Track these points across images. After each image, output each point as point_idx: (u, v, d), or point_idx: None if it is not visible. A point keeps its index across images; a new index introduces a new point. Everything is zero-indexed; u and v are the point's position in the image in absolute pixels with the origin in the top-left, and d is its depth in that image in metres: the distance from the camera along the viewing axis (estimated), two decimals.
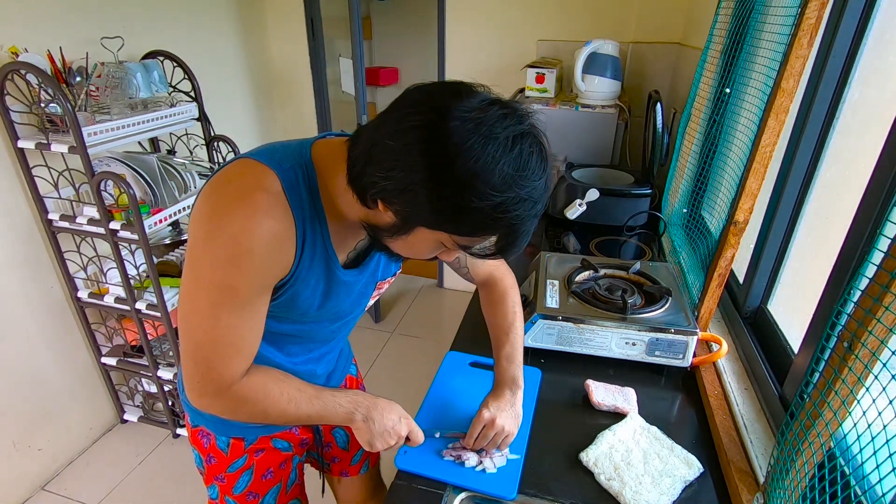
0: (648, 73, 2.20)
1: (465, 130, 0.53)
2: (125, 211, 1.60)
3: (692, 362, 1.02)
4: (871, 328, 0.51)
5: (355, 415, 0.78)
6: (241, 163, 0.64)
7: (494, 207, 0.54)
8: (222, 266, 0.61)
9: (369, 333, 2.68)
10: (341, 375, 1.02)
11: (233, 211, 0.60)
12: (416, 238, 0.62)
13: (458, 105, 0.54)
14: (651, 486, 0.78)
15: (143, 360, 1.85)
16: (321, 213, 0.67)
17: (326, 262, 0.71)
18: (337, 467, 1.10)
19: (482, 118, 0.54)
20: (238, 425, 0.88)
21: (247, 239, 0.60)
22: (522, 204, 0.56)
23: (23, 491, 1.78)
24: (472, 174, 0.53)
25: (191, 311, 0.65)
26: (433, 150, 0.53)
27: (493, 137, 0.53)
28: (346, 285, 0.76)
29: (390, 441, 0.80)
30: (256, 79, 2.66)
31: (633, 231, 1.69)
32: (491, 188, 0.53)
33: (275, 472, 0.95)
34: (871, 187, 0.69)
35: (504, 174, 0.53)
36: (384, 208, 0.60)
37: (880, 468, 0.47)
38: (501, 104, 0.56)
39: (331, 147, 0.68)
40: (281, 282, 0.67)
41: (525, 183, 0.55)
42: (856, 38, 0.84)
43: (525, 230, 0.60)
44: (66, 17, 1.68)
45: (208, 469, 0.93)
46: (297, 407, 0.73)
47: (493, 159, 0.53)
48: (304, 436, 0.98)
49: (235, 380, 0.68)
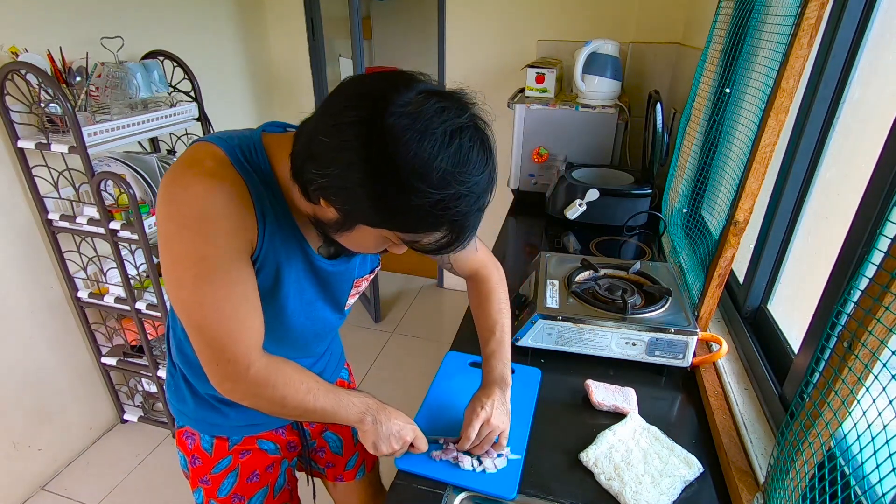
0: (648, 73, 2.20)
1: (401, 127, 0.51)
2: (125, 211, 1.60)
3: (692, 362, 1.02)
4: (871, 328, 0.51)
5: (366, 416, 0.77)
6: (190, 147, 0.65)
7: (434, 205, 0.53)
8: (188, 235, 0.61)
9: (369, 333, 2.68)
10: (332, 379, 1.01)
11: (183, 180, 0.60)
12: (360, 234, 0.62)
13: (395, 99, 0.52)
14: (651, 486, 0.78)
15: (143, 360, 1.85)
16: (277, 192, 0.67)
17: (297, 242, 0.71)
18: (332, 472, 1.09)
19: (418, 112, 0.52)
20: (221, 424, 0.87)
21: (202, 204, 0.60)
22: (464, 200, 0.54)
23: (23, 491, 1.78)
24: (409, 172, 0.51)
25: (178, 293, 0.65)
26: (369, 148, 0.52)
27: (430, 133, 0.51)
28: (320, 272, 0.75)
29: (395, 445, 0.79)
30: (256, 79, 2.66)
31: (633, 231, 1.69)
32: (429, 185, 0.52)
33: (261, 475, 0.94)
34: (871, 187, 0.69)
35: (442, 171, 0.52)
36: (326, 204, 0.60)
37: (880, 468, 0.47)
38: (440, 96, 0.54)
39: (281, 139, 0.68)
40: (254, 254, 0.67)
41: (465, 178, 0.54)
42: (856, 38, 0.84)
43: (469, 224, 0.59)
44: (66, 17, 1.68)
45: (193, 471, 0.92)
46: (315, 398, 0.73)
47: (430, 156, 0.51)
48: (290, 438, 0.97)
49: (252, 359, 0.68)
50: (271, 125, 0.71)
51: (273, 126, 0.71)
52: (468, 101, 0.57)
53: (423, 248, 0.62)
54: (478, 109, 0.57)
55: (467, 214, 0.57)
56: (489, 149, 0.57)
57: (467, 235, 0.60)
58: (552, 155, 1.91)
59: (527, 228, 1.81)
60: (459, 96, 0.57)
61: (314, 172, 0.57)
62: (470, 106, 0.56)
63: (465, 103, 0.56)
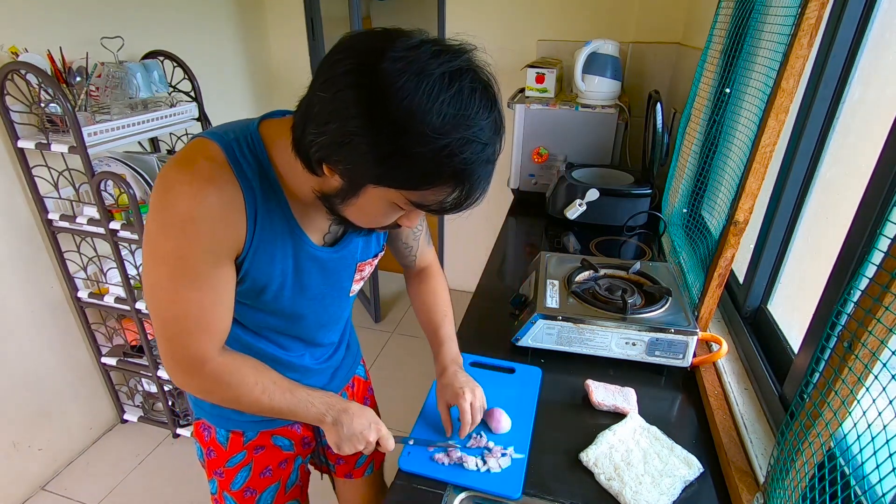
0: (648, 73, 2.20)
1: (396, 70, 0.50)
2: (125, 211, 1.60)
3: (692, 362, 1.02)
4: (871, 328, 0.51)
5: (326, 416, 0.78)
6: (190, 142, 0.65)
7: (438, 150, 0.51)
8: (170, 234, 0.61)
9: (369, 333, 2.68)
10: (347, 374, 1.02)
11: (175, 181, 0.60)
12: (367, 200, 0.60)
13: (390, 47, 0.51)
14: (651, 486, 0.78)
15: (143, 360, 1.85)
16: (276, 185, 0.67)
17: (292, 237, 0.70)
18: (342, 469, 1.10)
19: (414, 56, 0.51)
20: (236, 419, 0.88)
21: (189, 207, 0.60)
22: (470, 146, 0.53)
23: (23, 491, 1.78)
24: (407, 115, 0.50)
25: (152, 287, 0.65)
26: (366, 94, 0.51)
27: (428, 74, 0.50)
28: (320, 262, 0.75)
29: (358, 446, 0.80)
30: (256, 79, 2.66)
31: (633, 231, 1.69)
32: (431, 130, 0.50)
33: (273, 471, 0.95)
34: (871, 187, 0.69)
35: (444, 113, 0.50)
36: (329, 171, 0.59)
37: (880, 468, 0.47)
38: (435, 42, 0.53)
39: (280, 124, 0.67)
40: (240, 257, 0.67)
41: (470, 122, 0.52)
42: (856, 38, 0.84)
43: (479, 176, 0.56)
44: (66, 17, 1.68)
45: (209, 462, 0.93)
46: (270, 398, 0.74)
47: (428, 98, 0.50)
48: (306, 434, 0.98)
49: (207, 358, 0.69)
50: (271, 113, 0.71)
51: (273, 114, 0.71)
52: (465, 48, 0.55)
53: (433, 209, 0.60)
54: (476, 55, 0.56)
55: (475, 163, 0.54)
56: (493, 95, 0.55)
57: (477, 190, 0.58)
58: (552, 155, 1.91)
59: (527, 228, 1.81)
60: (454, 43, 0.55)
61: (314, 133, 0.56)
62: (465, 51, 0.55)
63: (459, 49, 0.55)
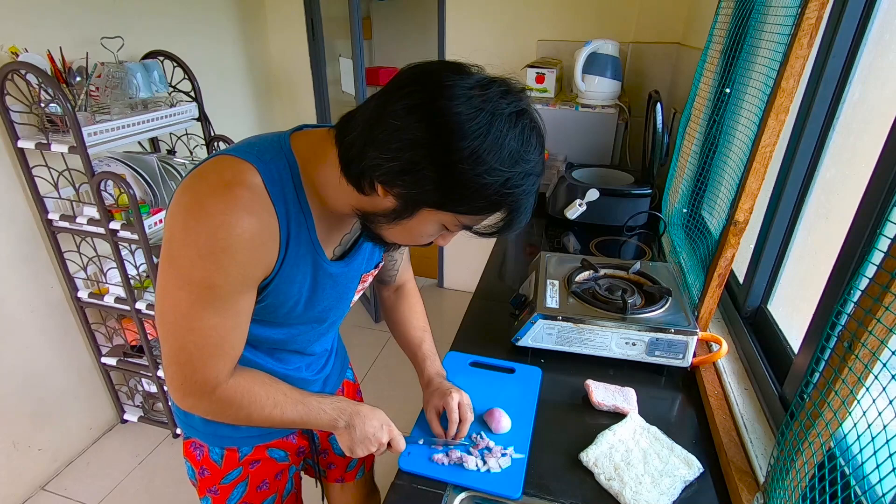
0: (648, 73, 2.20)
1: (473, 107, 0.54)
2: (125, 211, 1.60)
3: (692, 362, 1.02)
4: (871, 328, 0.51)
5: (338, 421, 0.78)
6: (220, 159, 0.62)
7: (503, 183, 0.56)
8: (202, 264, 0.59)
9: (369, 333, 2.68)
10: (337, 381, 1.02)
11: (212, 206, 0.58)
12: (419, 221, 0.62)
13: (460, 82, 0.55)
14: (651, 486, 0.78)
15: (143, 360, 1.85)
16: (306, 208, 0.66)
17: (313, 256, 0.70)
18: (333, 474, 1.10)
19: (486, 95, 0.55)
20: (231, 436, 0.86)
21: (226, 236, 0.58)
22: (528, 178, 0.58)
23: (23, 491, 1.78)
24: (483, 150, 0.54)
25: (170, 310, 0.63)
26: (441, 128, 0.54)
27: (499, 114, 0.55)
28: (333, 278, 0.75)
29: (371, 448, 0.80)
30: (256, 79, 2.66)
31: (633, 231, 1.69)
32: (500, 164, 0.55)
33: (270, 484, 0.94)
34: (871, 187, 0.69)
35: (511, 150, 0.55)
36: (384, 192, 0.60)
37: (880, 468, 0.47)
38: (500, 82, 0.58)
39: (311, 138, 0.67)
40: (264, 281, 0.66)
41: (529, 157, 0.57)
42: (856, 38, 0.84)
43: (528, 205, 0.62)
44: (66, 17, 1.68)
45: (201, 481, 0.90)
46: (283, 412, 0.73)
47: (501, 135, 0.55)
48: (301, 444, 0.97)
49: (220, 382, 0.67)
50: (299, 127, 0.70)
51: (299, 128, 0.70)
52: (520, 87, 0.61)
53: (478, 231, 0.66)
54: (527, 95, 0.61)
55: (529, 194, 0.60)
56: (542, 132, 0.61)
57: (525, 217, 0.63)
58: (552, 155, 1.91)
59: (527, 228, 1.80)
60: (513, 83, 0.60)
61: (380, 157, 0.57)
62: (524, 92, 0.61)
63: (519, 89, 0.60)
